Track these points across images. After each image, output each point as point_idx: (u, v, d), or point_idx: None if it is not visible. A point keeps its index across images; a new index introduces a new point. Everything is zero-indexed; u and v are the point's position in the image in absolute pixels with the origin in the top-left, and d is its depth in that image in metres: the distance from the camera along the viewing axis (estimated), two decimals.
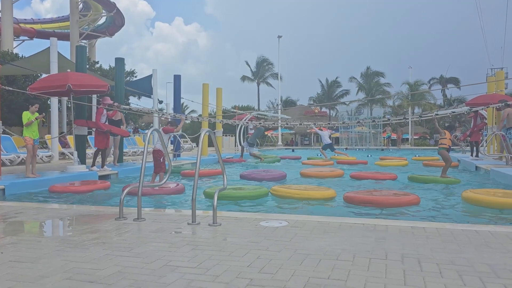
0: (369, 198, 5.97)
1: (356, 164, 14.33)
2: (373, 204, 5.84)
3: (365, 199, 5.99)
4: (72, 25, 40.11)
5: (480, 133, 14.58)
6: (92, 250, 3.33)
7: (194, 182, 4.44)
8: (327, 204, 6.31)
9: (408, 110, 44.89)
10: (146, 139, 5.12)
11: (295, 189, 6.79)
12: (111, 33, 49.05)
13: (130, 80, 32.38)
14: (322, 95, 56.71)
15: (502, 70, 26.64)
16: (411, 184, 8.71)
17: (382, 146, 33.06)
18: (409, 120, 37.57)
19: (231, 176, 10.02)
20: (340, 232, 3.92)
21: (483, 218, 5.28)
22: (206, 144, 18.87)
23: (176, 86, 17.42)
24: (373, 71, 53.00)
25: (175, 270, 2.81)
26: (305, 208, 5.99)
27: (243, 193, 6.68)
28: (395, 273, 2.72)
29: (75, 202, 6.73)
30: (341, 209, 5.96)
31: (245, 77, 58.02)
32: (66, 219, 4.79)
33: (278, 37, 42.67)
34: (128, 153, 18.68)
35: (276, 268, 2.84)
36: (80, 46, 13.12)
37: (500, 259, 3.01)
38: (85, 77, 10.60)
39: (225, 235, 3.84)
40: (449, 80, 57.55)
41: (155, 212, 5.16)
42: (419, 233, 3.83)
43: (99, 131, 10.44)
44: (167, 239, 3.70)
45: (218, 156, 5.32)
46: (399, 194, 6.30)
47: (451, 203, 6.43)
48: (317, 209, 5.88)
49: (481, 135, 14.73)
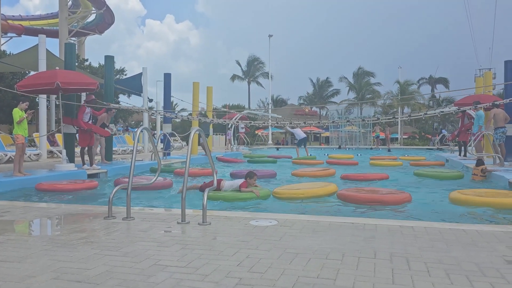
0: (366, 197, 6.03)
1: (347, 165, 14.39)
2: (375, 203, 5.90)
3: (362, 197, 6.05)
4: (61, 22, 39.65)
5: (467, 133, 14.72)
6: (80, 250, 3.30)
7: (184, 181, 4.43)
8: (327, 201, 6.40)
9: (398, 109, 45.19)
10: (136, 137, 5.09)
11: (297, 189, 6.89)
12: (100, 30, 48.59)
13: (120, 78, 32.17)
14: (312, 94, 56.93)
15: (490, 71, 26.93)
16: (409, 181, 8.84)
17: (371, 145, 33.26)
18: (398, 120, 37.85)
19: (224, 175, 10.00)
20: (329, 231, 3.93)
21: (470, 218, 5.34)
22: (196, 143, 18.81)
23: (166, 85, 17.33)
24: (363, 71, 53.33)
25: (164, 270, 2.80)
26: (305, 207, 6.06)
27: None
28: (384, 272, 2.74)
29: (64, 201, 6.67)
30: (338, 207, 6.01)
31: (235, 76, 57.96)
32: (54, 218, 4.74)
33: (269, 36, 42.65)
34: (118, 152, 18.55)
35: (265, 267, 2.84)
36: (69, 44, 12.99)
37: (486, 258, 3.05)
38: (74, 75, 10.49)
39: (215, 234, 3.83)
40: (438, 80, 58.10)
41: (145, 211, 5.13)
42: (407, 232, 3.86)
43: (81, 130, 10.36)
44: (156, 238, 3.68)
45: (208, 156, 5.31)
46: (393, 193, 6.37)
47: (440, 201, 6.49)
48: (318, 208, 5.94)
49: (469, 135, 14.87)
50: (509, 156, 12.28)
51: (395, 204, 5.92)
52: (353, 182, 8.89)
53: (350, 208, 5.91)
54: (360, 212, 5.66)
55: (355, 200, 6.08)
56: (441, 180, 9.26)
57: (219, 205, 6.20)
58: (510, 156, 12.54)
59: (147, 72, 19.77)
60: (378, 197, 6.05)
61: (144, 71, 19.76)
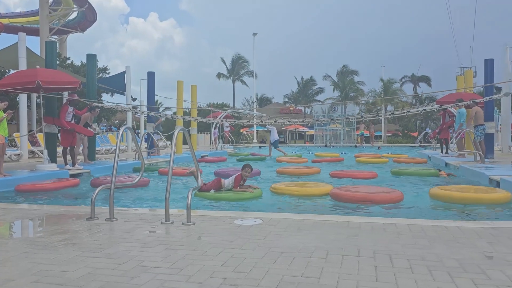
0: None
1: (332, 162, 14.48)
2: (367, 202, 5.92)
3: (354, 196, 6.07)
4: (42, 19, 38.92)
5: (449, 130, 14.96)
6: (61, 252, 3.25)
7: (167, 181, 4.39)
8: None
9: (382, 107, 45.68)
10: (118, 137, 5.03)
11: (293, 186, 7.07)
12: (82, 28, 47.87)
13: (102, 77, 31.75)
14: (297, 93, 57.15)
15: (471, 69, 27.39)
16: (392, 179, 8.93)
17: (355, 143, 33.54)
18: (382, 118, 38.25)
19: (207, 176, 9.97)
20: (314, 229, 3.95)
21: (452, 214, 5.42)
22: (181, 142, 18.69)
23: (150, 83, 17.18)
24: (347, 69, 53.76)
25: (147, 271, 2.77)
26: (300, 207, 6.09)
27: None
28: (367, 270, 2.76)
29: (45, 202, 6.56)
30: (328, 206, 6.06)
31: (220, 74, 57.84)
32: (35, 220, 4.66)
33: (253, 34, 42.63)
34: (101, 151, 18.33)
35: (250, 267, 2.84)
36: (50, 42, 12.77)
37: (467, 254, 3.10)
38: (55, 74, 10.33)
39: (199, 234, 3.81)
40: (420, 78, 58.90)
41: (128, 212, 5.08)
42: (390, 230, 3.89)
43: (64, 129, 10.20)
44: (139, 239, 3.65)
45: (192, 155, 5.28)
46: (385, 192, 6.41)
47: (422, 198, 6.57)
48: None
49: (448, 132, 15.12)
50: (489, 153, 12.53)
51: (388, 203, 5.93)
52: (342, 180, 8.95)
53: (336, 207, 5.94)
54: (350, 210, 5.68)
55: (348, 199, 6.06)
56: (419, 177, 9.42)
57: (204, 205, 6.18)
58: (490, 153, 12.80)
59: (130, 70, 19.60)
60: (371, 196, 6.04)
61: (127, 69, 19.58)
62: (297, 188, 6.99)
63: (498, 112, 21.13)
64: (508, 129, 17.92)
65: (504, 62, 17.20)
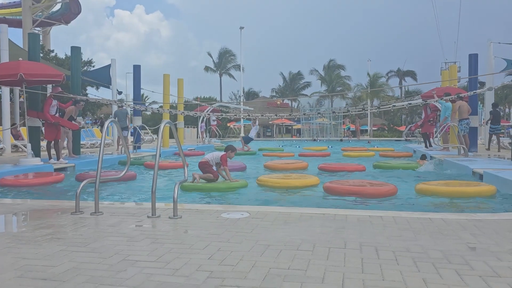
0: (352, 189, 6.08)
1: (318, 157, 14.53)
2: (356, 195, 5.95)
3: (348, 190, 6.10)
4: (25, 11, 38.11)
5: (430, 124, 15.12)
6: (45, 246, 3.20)
7: (154, 174, 4.36)
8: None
9: (367, 101, 45.99)
10: (104, 130, 4.97)
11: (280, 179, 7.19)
12: (66, 20, 47.05)
13: (87, 70, 31.29)
14: (284, 87, 57.19)
15: (455, 64, 27.69)
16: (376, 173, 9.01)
17: (341, 137, 33.74)
18: (368, 112, 38.50)
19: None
20: (300, 222, 3.96)
21: (436, 206, 5.49)
22: (167, 135, 18.59)
23: (136, 77, 17.03)
24: (334, 64, 53.95)
25: (133, 265, 2.75)
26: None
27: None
28: (354, 262, 2.78)
29: (29, 196, 6.46)
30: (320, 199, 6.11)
31: (208, 68, 57.54)
32: (19, 214, 4.58)
33: (240, 28, 42.43)
34: (86, 145, 18.13)
35: (236, 260, 2.83)
36: (33, 34, 12.54)
37: (452, 246, 3.14)
38: (38, 66, 10.15)
39: (186, 228, 3.79)
40: (406, 73, 59.51)
41: (114, 206, 5.03)
42: (376, 222, 3.93)
43: (48, 123, 10.04)
44: (125, 233, 3.61)
45: (178, 148, 5.24)
46: (376, 184, 6.46)
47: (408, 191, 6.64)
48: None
49: (433, 126, 15.29)
50: (472, 146, 12.73)
51: (382, 196, 5.95)
52: (331, 174, 9.01)
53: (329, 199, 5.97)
54: (346, 203, 5.72)
55: (342, 192, 6.07)
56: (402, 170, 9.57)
57: (191, 198, 6.17)
58: (474, 147, 13.01)
59: (115, 63, 19.38)
60: (365, 189, 6.06)
61: (112, 62, 19.34)
62: (283, 180, 7.06)
63: (482, 106, 21.47)
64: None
65: (487, 57, 17.44)
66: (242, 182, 7.00)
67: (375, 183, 6.67)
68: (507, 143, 15.75)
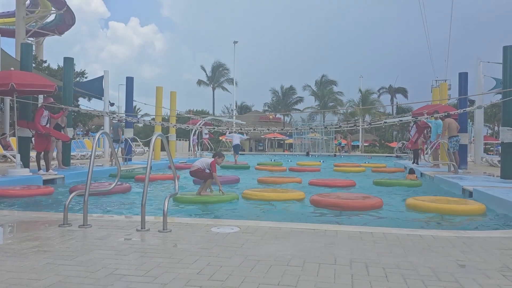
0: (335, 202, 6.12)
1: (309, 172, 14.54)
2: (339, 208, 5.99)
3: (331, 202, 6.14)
4: (18, 21, 38.12)
5: (418, 141, 15.31)
6: (31, 259, 3.14)
7: (144, 187, 4.32)
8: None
9: (359, 117, 46.31)
10: (94, 142, 4.93)
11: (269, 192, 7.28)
12: (60, 31, 47.10)
13: (80, 81, 31.22)
14: (276, 101, 57.43)
15: (446, 82, 28.07)
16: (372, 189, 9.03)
17: (334, 152, 33.86)
18: (359, 128, 38.73)
19: (185, 183, 9.86)
20: (291, 237, 3.94)
21: (426, 223, 5.51)
22: (159, 148, 18.49)
23: (129, 88, 16.99)
24: (326, 79, 54.38)
25: (121, 279, 2.71)
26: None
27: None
28: (344, 278, 2.76)
29: (16, 207, 6.36)
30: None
31: (201, 81, 57.69)
32: (5, 226, 4.51)
33: (234, 42, 42.77)
34: (77, 157, 17.97)
35: (226, 275, 2.80)
36: (26, 44, 12.52)
37: (441, 263, 3.14)
38: (30, 76, 10.10)
39: (175, 242, 3.75)
40: (397, 90, 60.10)
41: (103, 218, 4.97)
42: (367, 238, 3.92)
43: (38, 133, 9.96)
44: (113, 246, 3.56)
45: (170, 161, 5.22)
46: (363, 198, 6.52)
47: (399, 208, 6.66)
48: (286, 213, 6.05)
49: (424, 143, 15.45)
50: (462, 163, 12.83)
51: (368, 209, 6.03)
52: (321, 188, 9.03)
53: (314, 214, 5.97)
54: (330, 217, 5.75)
55: (327, 205, 6.18)
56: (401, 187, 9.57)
57: (181, 212, 6.12)
58: (464, 164, 13.11)
59: (108, 75, 19.33)
60: (350, 202, 6.15)
61: (105, 74, 19.29)
62: (269, 194, 7.11)
63: (471, 124, 21.70)
64: (481, 141, 18.43)
65: (477, 75, 17.71)
66: (232, 195, 7.02)
67: (360, 196, 6.75)
68: (496, 161, 15.91)
